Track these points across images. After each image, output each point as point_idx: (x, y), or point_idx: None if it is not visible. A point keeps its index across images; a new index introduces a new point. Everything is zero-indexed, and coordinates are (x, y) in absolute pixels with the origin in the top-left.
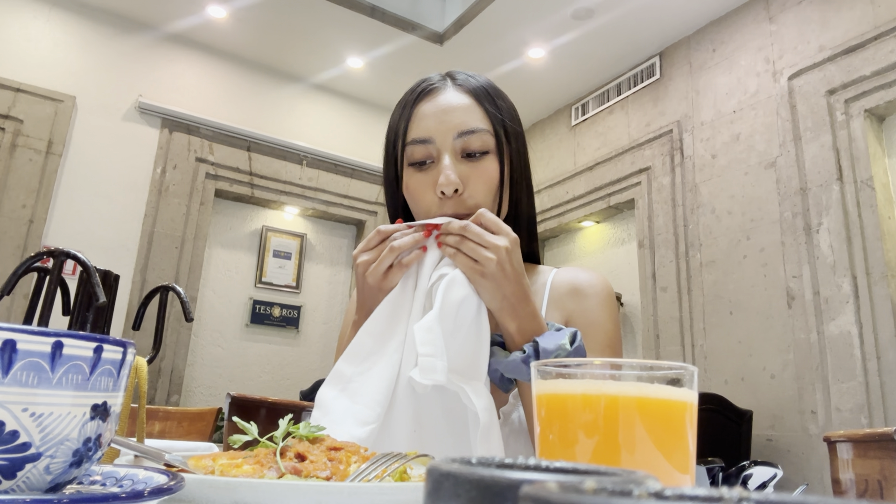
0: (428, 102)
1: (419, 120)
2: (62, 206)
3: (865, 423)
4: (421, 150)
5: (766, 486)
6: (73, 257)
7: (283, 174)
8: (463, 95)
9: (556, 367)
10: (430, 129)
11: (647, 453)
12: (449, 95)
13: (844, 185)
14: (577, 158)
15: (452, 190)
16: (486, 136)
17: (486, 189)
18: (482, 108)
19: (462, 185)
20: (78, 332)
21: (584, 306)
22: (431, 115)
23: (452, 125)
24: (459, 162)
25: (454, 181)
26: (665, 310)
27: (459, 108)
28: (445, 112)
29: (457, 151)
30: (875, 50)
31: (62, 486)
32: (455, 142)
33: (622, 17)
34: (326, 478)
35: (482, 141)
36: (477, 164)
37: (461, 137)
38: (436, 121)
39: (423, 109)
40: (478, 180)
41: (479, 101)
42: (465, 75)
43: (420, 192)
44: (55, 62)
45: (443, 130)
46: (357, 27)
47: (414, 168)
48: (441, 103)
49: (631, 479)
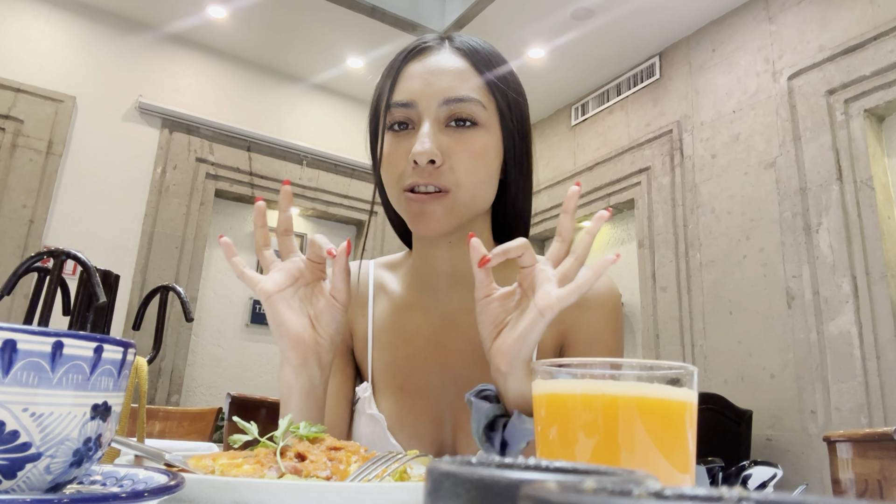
0: (417, 63)
1: (404, 81)
2: (62, 206)
3: (865, 423)
4: (401, 114)
5: (765, 485)
6: (74, 257)
7: (282, 174)
8: (457, 58)
9: (557, 366)
10: (413, 92)
11: (647, 453)
12: (441, 57)
13: (844, 185)
14: (577, 158)
15: (427, 160)
16: (476, 106)
17: (471, 164)
18: (478, 73)
19: (440, 157)
20: (78, 332)
21: (586, 320)
22: (418, 76)
23: (439, 89)
24: (442, 131)
25: (429, 149)
26: (665, 310)
27: (450, 71)
28: (434, 74)
29: (440, 119)
30: (875, 50)
31: (62, 485)
32: (440, 109)
33: (622, 18)
34: (326, 478)
35: (470, 112)
36: (462, 135)
37: (447, 105)
38: (421, 83)
39: (410, 70)
40: (461, 153)
41: (475, 67)
42: (467, 38)
43: (393, 158)
44: (55, 62)
45: (428, 94)
46: (357, 27)
47: (391, 133)
48: (430, 64)
49: (631, 478)
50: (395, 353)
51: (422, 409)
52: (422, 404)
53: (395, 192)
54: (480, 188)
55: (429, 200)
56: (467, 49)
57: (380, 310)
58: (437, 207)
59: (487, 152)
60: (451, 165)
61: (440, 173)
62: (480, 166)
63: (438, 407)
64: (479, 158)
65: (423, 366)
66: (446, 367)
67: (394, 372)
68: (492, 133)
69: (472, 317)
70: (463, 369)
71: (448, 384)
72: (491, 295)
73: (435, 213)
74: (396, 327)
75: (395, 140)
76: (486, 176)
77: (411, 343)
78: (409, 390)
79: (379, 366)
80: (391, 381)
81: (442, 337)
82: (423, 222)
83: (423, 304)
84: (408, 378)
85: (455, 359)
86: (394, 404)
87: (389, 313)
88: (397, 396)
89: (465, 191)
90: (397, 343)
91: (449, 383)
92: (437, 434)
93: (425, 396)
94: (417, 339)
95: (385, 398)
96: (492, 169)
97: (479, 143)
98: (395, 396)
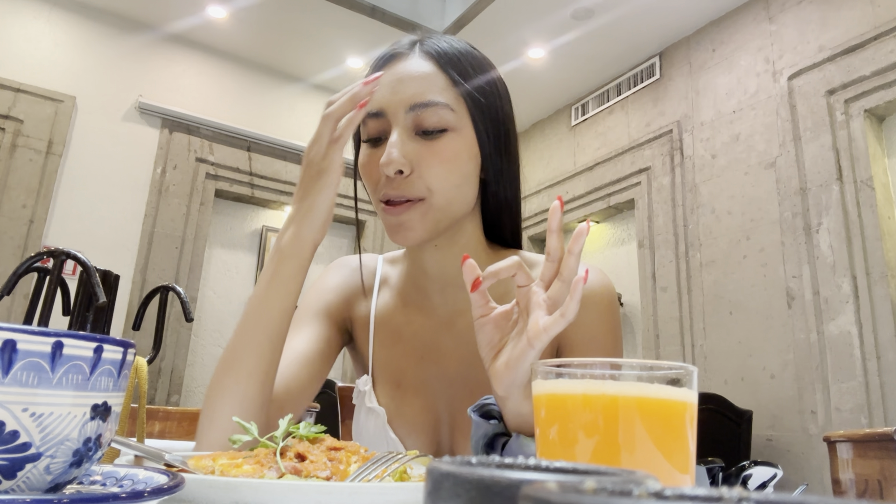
0: (387, 71)
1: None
2: (62, 206)
3: (865, 423)
4: (373, 125)
5: (766, 486)
6: (73, 257)
7: (283, 174)
8: (424, 62)
9: (556, 366)
10: (381, 101)
11: (647, 453)
12: (409, 63)
13: (844, 185)
14: (577, 158)
15: (394, 170)
16: (443, 110)
17: (443, 172)
18: (447, 76)
19: (408, 166)
20: (78, 332)
21: (581, 319)
22: (387, 84)
23: (406, 96)
24: (412, 139)
25: (396, 159)
26: (665, 310)
27: (417, 77)
28: (400, 81)
29: (409, 127)
30: (875, 50)
31: (62, 486)
32: (407, 116)
33: (622, 18)
34: (326, 478)
35: (438, 117)
36: (432, 143)
37: (414, 111)
38: (390, 91)
39: (382, 79)
40: (431, 160)
41: (442, 69)
42: (437, 39)
43: (368, 170)
44: (55, 62)
45: (395, 102)
46: (357, 27)
47: (367, 144)
48: (398, 71)
49: (631, 479)
50: (393, 350)
51: (419, 406)
52: (419, 402)
53: (374, 201)
54: (455, 192)
55: (403, 210)
56: (435, 52)
57: (382, 304)
58: (413, 215)
59: (459, 156)
60: (420, 174)
61: (410, 183)
62: (453, 171)
63: (436, 406)
64: (449, 163)
65: (420, 365)
66: (442, 368)
67: (392, 368)
68: (464, 135)
69: (465, 318)
70: (458, 371)
71: (444, 385)
72: (487, 315)
73: (411, 222)
74: (395, 324)
75: (370, 151)
76: (460, 179)
77: (409, 342)
78: (406, 387)
79: (378, 360)
80: (389, 377)
81: (437, 338)
82: (399, 232)
83: (420, 305)
84: (404, 376)
85: (450, 360)
86: (392, 399)
87: (390, 309)
88: (395, 392)
89: (439, 196)
90: (395, 340)
91: (445, 385)
92: (434, 433)
93: (422, 395)
94: (414, 339)
95: (384, 393)
96: (466, 171)
97: (450, 149)
98: (393, 392)
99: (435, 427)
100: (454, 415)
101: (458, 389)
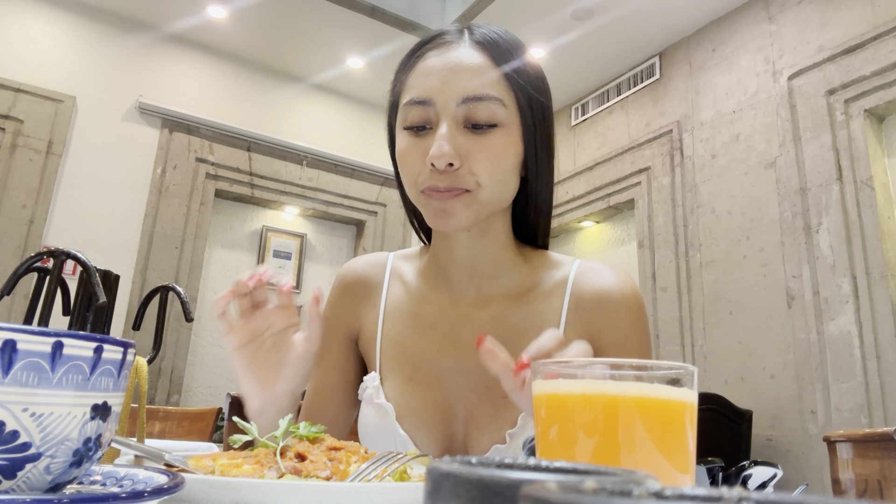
0: (435, 57)
1: (421, 77)
2: (62, 206)
3: (865, 423)
4: (418, 112)
5: (766, 486)
6: (73, 257)
7: (283, 174)
8: (476, 53)
9: (557, 366)
10: (430, 90)
11: (647, 453)
12: (461, 52)
13: (844, 185)
14: (577, 158)
15: (445, 163)
16: (495, 104)
17: (491, 167)
18: (498, 69)
19: (459, 160)
20: (78, 332)
21: (614, 323)
22: (436, 72)
23: (458, 88)
24: (461, 132)
25: (448, 153)
26: (665, 310)
27: (469, 68)
28: (452, 71)
29: (459, 120)
30: (875, 50)
31: (62, 486)
32: (458, 108)
33: (622, 18)
34: (326, 478)
35: (490, 111)
36: (482, 138)
37: (466, 104)
38: (439, 80)
39: (428, 65)
40: (480, 154)
41: (494, 61)
42: (487, 29)
43: (411, 159)
44: (55, 62)
45: (446, 92)
46: (357, 27)
47: (409, 132)
48: (449, 60)
49: (631, 479)
50: (405, 344)
51: (432, 401)
52: (432, 396)
53: (413, 192)
54: (500, 187)
55: (450, 197)
56: (487, 42)
57: (393, 299)
58: (458, 204)
59: (507, 152)
60: (469, 168)
61: (458, 176)
62: (500, 166)
63: (450, 399)
64: (498, 158)
65: (437, 358)
66: (461, 360)
67: (403, 362)
68: (511, 131)
69: (488, 310)
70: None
71: (462, 378)
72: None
73: (456, 210)
74: (409, 318)
75: (413, 139)
76: (504, 175)
77: (425, 335)
78: (418, 381)
79: (387, 355)
80: (400, 372)
81: (457, 330)
82: (443, 219)
83: (440, 297)
84: (417, 369)
85: (470, 353)
86: (402, 395)
87: (403, 303)
88: (406, 387)
89: (486, 190)
90: (409, 333)
91: (463, 377)
92: (447, 427)
93: (436, 388)
94: (432, 332)
95: (393, 388)
96: (511, 167)
97: (499, 144)
98: (403, 387)
99: (448, 422)
100: (470, 409)
101: (475, 382)
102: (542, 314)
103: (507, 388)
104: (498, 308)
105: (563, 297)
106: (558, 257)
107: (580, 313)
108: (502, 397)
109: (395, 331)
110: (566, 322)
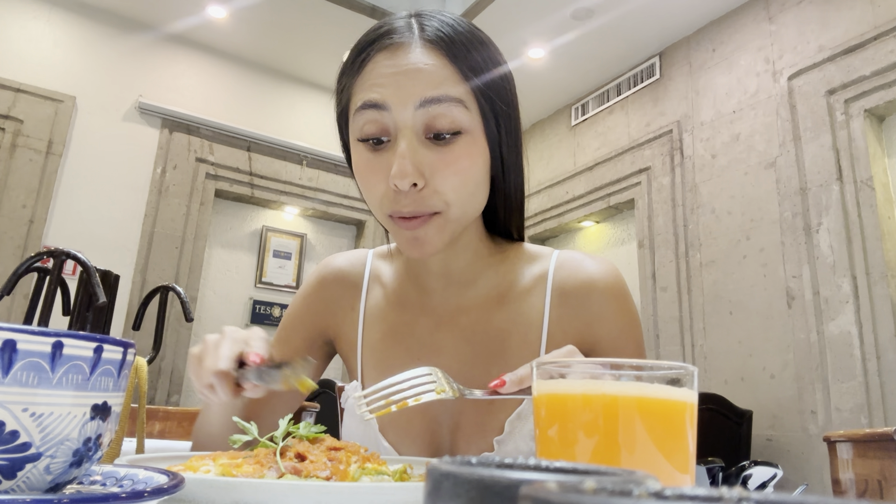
0: (385, 61)
1: (373, 78)
2: (62, 206)
3: (865, 423)
4: (374, 118)
5: (766, 486)
6: (73, 257)
7: (283, 174)
8: (431, 52)
9: (557, 366)
10: (384, 94)
11: (647, 453)
12: (413, 54)
13: (844, 185)
14: (577, 158)
15: (409, 184)
16: (457, 109)
17: (459, 183)
18: (456, 68)
19: (423, 178)
20: (78, 332)
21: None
22: (387, 77)
23: (414, 91)
24: (423, 145)
25: (410, 172)
26: (665, 310)
27: (424, 69)
28: (406, 76)
29: (419, 130)
30: (875, 50)
31: (62, 486)
32: (416, 113)
33: (622, 17)
34: (326, 478)
35: (451, 118)
36: (445, 151)
37: (424, 108)
38: (393, 84)
39: (378, 70)
40: (446, 171)
41: (451, 60)
42: (438, 22)
43: (372, 179)
44: (55, 62)
45: (401, 97)
46: (357, 27)
47: (366, 145)
48: (402, 62)
49: (631, 479)
50: (386, 352)
51: (416, 411)
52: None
53: (380, 214)
54: (471, 200)
55: (419, 224)
56: (440, 39)
57: (372, 304)
58: (430, 230)
59: (474, 163)
60: (435, 187)
61: (424, 197)
62: (468, 180)
63: (433, 408)
64: (465, 173)
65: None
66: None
67: (384, 371)
68: (475, 136)
69: (468, 317)
70: (459, 371)
71: None
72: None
73: (428, 236)
74: (388, 325)
75: (370, 154)
76: (474, 188)
77: (403, 343)
78: None
79: (369, 363)
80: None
81: (437, 337)
82: (416, 247)
83: (418, 303)
84: None
85: (451, 360)
86: None
87: (382, 309)
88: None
89: (456, 208)
90: (389, 342)
91: None
92: (432, 436)
93: None
94: (410, 339)
95: None
96: (480, 177)
97: (465, 156)
98: None
99: (433, 431)
100: (455, 417)
101: None
102: (524, 313)
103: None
104: (478, 313)
105: (544, 293)
106: (535, 249)
107: (564, 308)
108: (488, 404)
109: (375, 338)
110: (549, 319)
